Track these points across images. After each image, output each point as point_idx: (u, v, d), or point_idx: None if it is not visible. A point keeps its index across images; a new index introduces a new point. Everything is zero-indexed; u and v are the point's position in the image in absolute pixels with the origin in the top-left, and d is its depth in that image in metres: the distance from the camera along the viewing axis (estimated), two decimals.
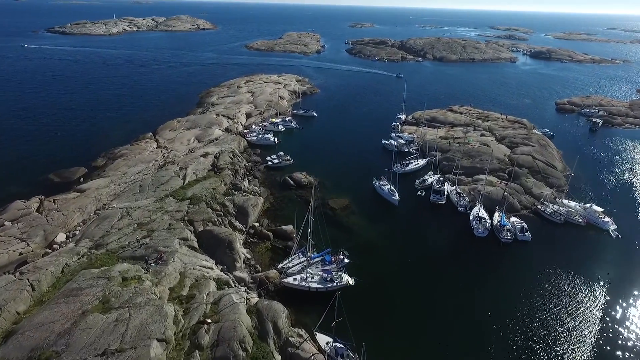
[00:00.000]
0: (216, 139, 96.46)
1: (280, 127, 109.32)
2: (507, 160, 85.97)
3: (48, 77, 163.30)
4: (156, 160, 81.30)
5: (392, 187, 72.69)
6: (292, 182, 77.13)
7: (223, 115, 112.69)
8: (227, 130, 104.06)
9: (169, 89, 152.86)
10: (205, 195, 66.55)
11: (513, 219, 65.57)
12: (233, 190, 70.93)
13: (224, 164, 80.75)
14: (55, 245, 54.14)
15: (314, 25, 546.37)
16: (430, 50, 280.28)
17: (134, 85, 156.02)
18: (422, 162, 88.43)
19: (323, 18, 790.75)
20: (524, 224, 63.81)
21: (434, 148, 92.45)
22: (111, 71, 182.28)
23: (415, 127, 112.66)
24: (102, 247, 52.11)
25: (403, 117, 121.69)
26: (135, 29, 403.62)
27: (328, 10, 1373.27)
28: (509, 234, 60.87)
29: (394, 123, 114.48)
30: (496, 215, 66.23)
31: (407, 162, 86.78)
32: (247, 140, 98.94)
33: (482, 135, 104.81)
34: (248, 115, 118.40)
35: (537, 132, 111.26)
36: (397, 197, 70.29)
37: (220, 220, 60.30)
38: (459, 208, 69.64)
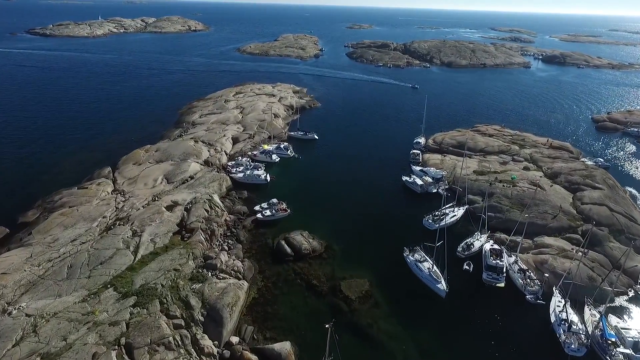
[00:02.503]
0: (191, 178, 75.06)
1: (274, 156, 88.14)
2: (575, 212, 65.06)
3: (1, 89, 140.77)
4: (104, 217, 59.76)
5: (434, 267, 51.35)
6: (288, 250, 55.98)
7: (203, 142, 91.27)
8: (206, 163, 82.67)
9: (146, 103, 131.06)
10: (161, 285, 45.32)
11: (616, 320, 44.69)
12: (204, 271, 49.63)
13: (196, 222, 59.45)
14: None
15: (311, 26, 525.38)
16: (437, 55, 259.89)
17: (105, 99, 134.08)
18: (459, 211, 67.49)
19: (320, 19, 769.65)
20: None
21: (470, 188, 71.68)
22: (82, 81, 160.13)
23: (439, 157, 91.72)
24: None
25: (422, 141, 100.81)
26: (122, 31, 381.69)
27: (325, 10, 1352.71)
28: (620, 356, 39.98)
29: (413, 151, 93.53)
30: (588, 313, 45.44)
31: (441, 213, 65.83)
32: (231, 177, 77.64)
33: (526, 168, 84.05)
34: (235, 140, 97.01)
35: (588, 161, 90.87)
36: (444, 285, 48.75)
37: (179, 339, 38.96)
38: (528, 297, 48.73)
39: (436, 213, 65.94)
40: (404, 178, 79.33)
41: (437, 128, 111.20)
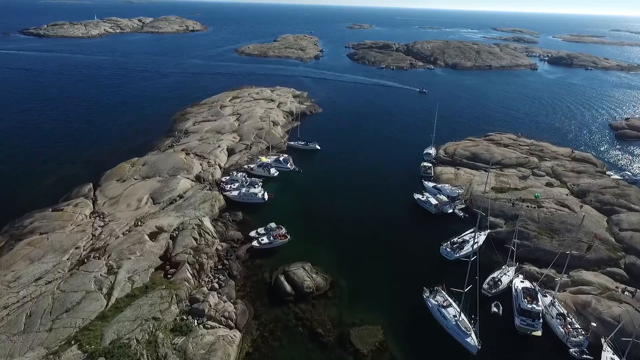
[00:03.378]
0: (180, 197, 67.45)
1: (273, 170, 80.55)
2: (614, 239, 57.53)
3: None
4: (77, 248, 52.15)
5: (462, 315, 43.71)
6: (288, 288, 48.45)
7: (196, 155, 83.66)
8: (198, 179, 75.07)
9: (137, 109, 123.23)
10: (136, 341, 37.80)
11: None
12: (189, 319, 42.09)
13: (182, 253, 51.90)
14: None
15: (311, 26, 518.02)
16: (441, 56, 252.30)
17: (94, 105, 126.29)
18: (480, 237, 59.89)
19: (320, 19, 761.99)
20: None
21: (490, 209, 64.23)
22: (71, 85, 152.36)
23: (452, 170, 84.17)
24: None
25: (433, 152, 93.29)
26: (118, 31, 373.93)
27: (324, 10, 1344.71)
28: None
29: (424, 163, 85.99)
30: None
31: (460, 240, 58.37)
32: (224, 195, 70.05)
33: (549, 184, 76.59)
34: (230, 152, 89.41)
35: (614, 175, 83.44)
36: (474, 339, 40.84)
37: None
38: (572, 350, 41.28)
39: (455, 240, 58.50)
40: (416, 196, 71.76)
41: (447, 136, 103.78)
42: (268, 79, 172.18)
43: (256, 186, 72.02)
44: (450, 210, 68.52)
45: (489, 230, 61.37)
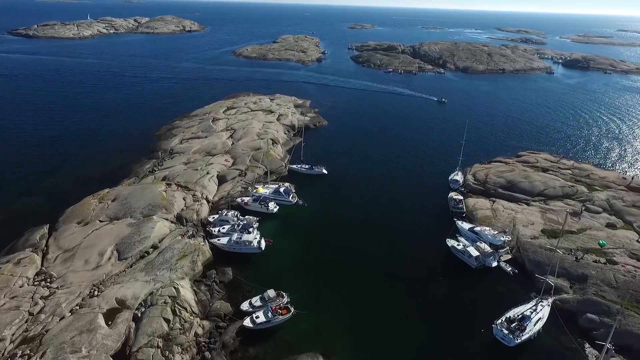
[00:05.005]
0: (153, 248, 53.31)
1: (272, 205, 66.44)
2: None
3: None
4: (1, 340, 37.96)
5: None
6: None
7: (179, 186, 69.44)
8: (179, 219, 60.95)
9: (116, 122, 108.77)
10: None
11: None
12: None
13: (147, 346, 37.79)
14: None
15: (312, 26, 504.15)
16: (450, 59, 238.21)
17: (71, 116, 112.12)
18: (543, 309, 45.74)
19: (321, 18, 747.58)
20: None
21: (546, 263, 50.41)
22: (49, 92, 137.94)
23: (487, 203, 70.07)
24: None
25: (460, 178, 79.15)
26: (112, 31, 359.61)
27: (325, 10, 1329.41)
28: None
29: (452, 194, 71.76)
30: None
31: (519, 315, 44.29)
32: (210, 242, 55.96)
33: (610, 225, 62.45)
34: (221, 179, 75.21)
35: None
36: None
37: None
38: None
39: (511, 316, 44.36)
40: (450, 243, 57.73)
41: (472, 155, 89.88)
42: (267, 85, 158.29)
43: (251, 229, 57.87)
44: (495, 264, 54.40)
45: (552, 298, 47.22)
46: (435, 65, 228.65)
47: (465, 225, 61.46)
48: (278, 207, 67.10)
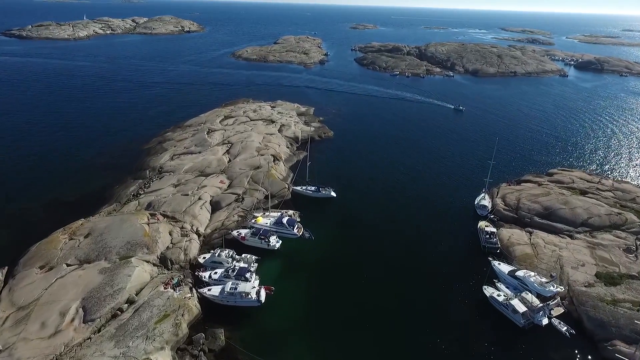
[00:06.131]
0: (129, 303, 43.56)
1: (273, 240, 56.79)
2: None
3: None
4: None
5: None
6: None
7: (165, 216, 59.73)
8: (163, 261, 51.21)
9: (102, 134, 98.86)
10: None
11: None
12: None
13: None
14: None
15: (313, 27, 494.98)
16: (458, 61, 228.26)
17: (51, 126, 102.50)
18: None
19: (322, 18, 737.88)
20: None
21: (609, 322, 40.81)
22: (32, 100, 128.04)
23: (524, 236, 60.23)
24: None
25: (488, 203, 69.30)
26: (109, 32, 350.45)
27: (326, 10, 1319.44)
28: None
29: (482, 224, 61.88)
30: None
31: None
32: (199, 293, 46.22)
33: None
34: (215, 206, 65.41)
35: None
36: None
37: None
38: None
39: None
40: (488, 292, 48.04)
41: (497, 171, 79.94)
42: (267, 91, 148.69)
43: (249, 275, 48.33)
44: (546, 322, 44.58)
45: None
46: (443, 68, 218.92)
47: (504, 268, 51.61)
48: (280, 241, 57.37)
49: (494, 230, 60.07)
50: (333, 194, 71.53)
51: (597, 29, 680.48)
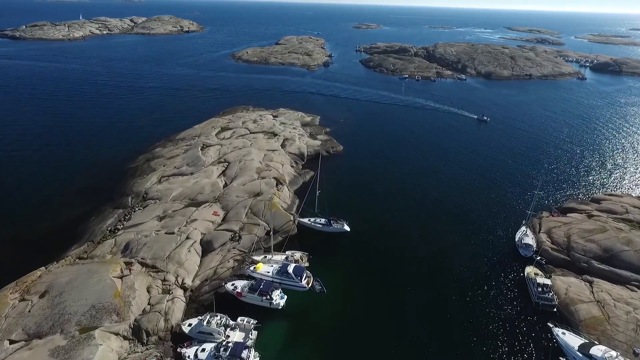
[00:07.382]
0: None
1: (276, 295, 45.82)
2: None
3: None
4: None
5: None
6: None
7: (143, 265, 48.66)
8: (136, 332, 40.17)
9: (82, 150, 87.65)
10: None
11: None
12: None
13: None
14: None
15: (315, 26, 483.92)
16: (470, 63, 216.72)
17: (29, 141, 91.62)
18: None
19: (324, 18, 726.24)
20: None
21: None
22: (12, 106, 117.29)
23: (585, 288, 49.05)
24: None
25: (532, 241, 58.03)
26: (105, 32, 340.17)
27: (328, 9, 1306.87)
28: None
29: (532, 274, 50.70)
30: None
31: None
32: None
33: None
34: (206, 247, 54.31)
35: None
36: None
37: None
38: None
39: None
40: None
41: (532, 194, 68.58)
42: (269, 96, 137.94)
43: (245, 354, 37.21)
44: None
45: None
46: (454, 70, 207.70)
47: (571, 341, 40.45)
48: (285, 297, 46.39)
49: (548, 282, 48.72)
50: (347, 227, 60.40)
51: (604, 28, 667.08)
